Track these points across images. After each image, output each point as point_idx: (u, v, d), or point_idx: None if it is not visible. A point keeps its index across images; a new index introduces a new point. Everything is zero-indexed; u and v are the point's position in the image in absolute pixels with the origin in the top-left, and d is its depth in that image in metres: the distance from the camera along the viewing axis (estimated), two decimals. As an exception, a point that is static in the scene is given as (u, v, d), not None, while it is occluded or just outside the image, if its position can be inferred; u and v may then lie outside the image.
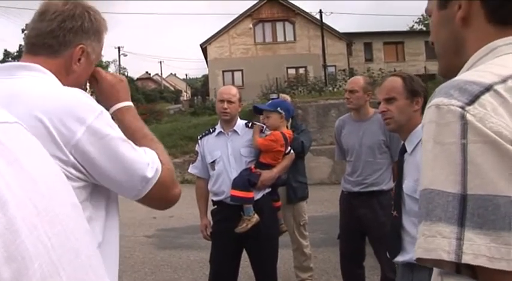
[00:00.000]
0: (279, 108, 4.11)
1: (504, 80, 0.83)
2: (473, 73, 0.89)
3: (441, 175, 0.81)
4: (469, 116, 0.80)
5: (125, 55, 55.94)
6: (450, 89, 0.85)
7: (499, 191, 0.76)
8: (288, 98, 5.84)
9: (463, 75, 0.89)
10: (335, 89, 22.87)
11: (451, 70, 1.02)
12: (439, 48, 1.07)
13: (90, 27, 1.54)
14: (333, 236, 4.89)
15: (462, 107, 0.81)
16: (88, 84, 1.74)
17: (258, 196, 3.83)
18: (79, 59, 1.53)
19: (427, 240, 0.80)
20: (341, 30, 34.82)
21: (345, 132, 4.24)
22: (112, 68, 58.64)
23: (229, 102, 3.86)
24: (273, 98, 6.44)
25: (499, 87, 0.82)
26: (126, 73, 62.08)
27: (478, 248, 0.76)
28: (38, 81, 1.41)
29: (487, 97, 0.81)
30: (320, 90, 22.51)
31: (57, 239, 0.55)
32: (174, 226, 8.78)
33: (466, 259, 0.76)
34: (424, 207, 0.82)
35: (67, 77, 1.51)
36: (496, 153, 0.78)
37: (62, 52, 1.50)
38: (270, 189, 3.96)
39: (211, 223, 4.04)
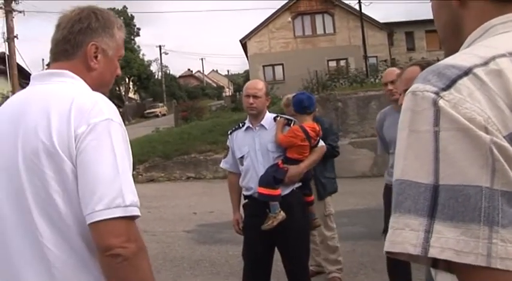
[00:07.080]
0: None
1: (486, 62, 0.77)
2: (456, 56, 0.83)
3: (414, 165, 0.76)
4: (441, 102, 0.74)
5: (166, 53, 57.03)
6: (429, 74, 0.79)
7: (469, 180, 0.71)
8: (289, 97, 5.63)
9: (446, 59, 0.82)
10: (377, 80, 22.43)
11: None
12: (440, 34, 1.00)
13: (98, 26, 1.67)
14: (374, 230, 4.78)
15: (436, 93, 0.76)
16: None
17: (286, 191, 3.76)
18: (96, 57, 1.66)
19: (395, 233, 0.76)
20: (381, 20, 34.31)
21: (387, 125, 4.14)
22: (154, 67, 59.66)
23: (255, 97, 3.81)
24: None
25: (478, 71, 0.76)
26: (168, 71, 62.98)
27: (446, 242, 0.71)
28: (67, 86, 1.57)
29: (464, 81, 0.75)
30: (361, 82, 22.13)
31: None
32: (214, 221, 8.80)
33: (433, 252, 0.71)
34: (395, 198, 0.78)
35: (89, 75, 1.66)
36: (468, 140, 0.72)
37: (77, 53, 1.64)
38: (300, 184, 3.88)
39: (243, 217, 4.02)
